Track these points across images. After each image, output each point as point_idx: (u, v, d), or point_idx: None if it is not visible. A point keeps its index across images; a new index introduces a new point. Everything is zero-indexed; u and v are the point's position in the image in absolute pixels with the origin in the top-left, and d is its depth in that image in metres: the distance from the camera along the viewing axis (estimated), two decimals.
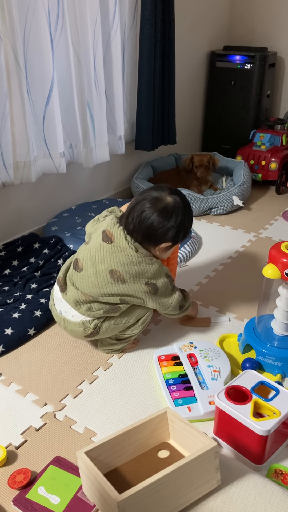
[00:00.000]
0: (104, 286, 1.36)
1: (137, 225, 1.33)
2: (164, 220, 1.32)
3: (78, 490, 1.09)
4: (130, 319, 1.44)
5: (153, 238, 1.34)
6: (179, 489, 0.95)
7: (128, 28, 2.43)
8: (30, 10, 1.88)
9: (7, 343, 1.56)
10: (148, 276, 1.36)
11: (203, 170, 2.68)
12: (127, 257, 1.34)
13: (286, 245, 1.34)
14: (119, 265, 1.34)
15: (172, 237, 1.35)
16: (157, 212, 1.32)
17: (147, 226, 1.32)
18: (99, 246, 1.37)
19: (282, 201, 2.84)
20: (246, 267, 2.10)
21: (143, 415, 1.30)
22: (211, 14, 3.20)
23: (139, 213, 1.33)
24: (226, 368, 1.40)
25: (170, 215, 1.32)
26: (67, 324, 1.45)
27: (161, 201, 1.33)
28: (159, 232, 1.33)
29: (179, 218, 1.33)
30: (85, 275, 1.38)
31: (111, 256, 1.35)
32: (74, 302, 1.40)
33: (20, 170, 2.03)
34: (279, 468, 1.14)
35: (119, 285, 1.35)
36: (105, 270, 1.35)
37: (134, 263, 1.34)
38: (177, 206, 1.33)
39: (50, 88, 2.01)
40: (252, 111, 3.18)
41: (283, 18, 3.21)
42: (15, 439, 1.24)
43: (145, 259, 1.35)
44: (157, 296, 1.39)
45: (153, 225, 1.32)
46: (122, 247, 1.34)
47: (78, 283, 1.40)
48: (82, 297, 1.39)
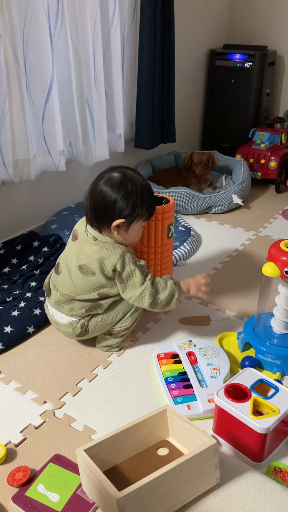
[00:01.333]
0: (78, 284, 1.37)
1: (87, 206, 1.31)
2: (109, 193, 1.27)
3: (77, 487, 1.09)
4: (118, 314, 1.43)
5: (102, 215, 1.30)
6: (179, 486, 0.96)
7: (127, 26, 2.43)
8: (30, 8, 1.88)
9: (6, 341, 1.56)
10: (111, 262, 1.31)
11: (201, 168, 2.68)
12: (88, 247, 1.34)
13: (285, 243, 1.34)
14: (84, 258, 1.35)
15: (122, 211, 1.28)
16: (106, 187, 1.28)
17: (95, 203, 1.29)
18: (69, 246, 1.41)
19: (281, 200, 2.84)
20: (245, 265, 2.10)
21: (142, 413, 1.31)
22: (211, 12, 3.20)
23: (89, 193, 1.31)
24: (225, 366, 1.40)
25: (114, 187, 1.27)
26: (58, 326, 1.48)
27: (110, 177, 1.30)
28: (107, 206, 1.28)
29: (125, 189, 1.27)
30: (63, 276, 1.41)
31: (77, 252, 1.37)
32: (55, 303, 1.43)
33: (19, 168, 2.03)
34: (278, 466, 1.14)
35: (91, 278, 1.35)
36: (75, 267, 1.37)
37: (94, 252, 1.33)
38: (124, 178, 1.28)
39: (50, 86, 2.01)
40: (252, 110, 3.17)
41: (282, 17, 3.21)
42: (14, 437, 1.24)
43: (104, 245, 1.32)
44: (124, 284, 1.33)
45: (99, 200, 1.28)
46: (83, 240, 1.36)
47: (58, 285, 1.43)
48: (61, 298, 1.41)
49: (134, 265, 1.32)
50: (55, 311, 1.46)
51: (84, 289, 1.37)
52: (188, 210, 2.56)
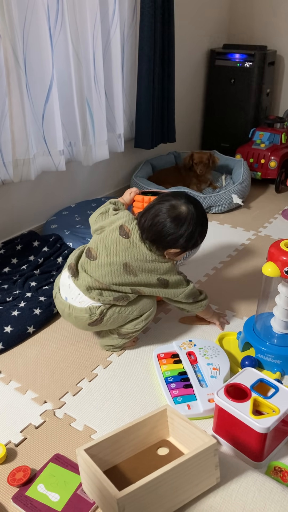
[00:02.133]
0: (117, 276, 1.40)
1: (148, 226, 1.37)
2: (175, 228, 1.35)
3: (77, 487, 1.09)
4: (135, 310, 1.45)
5: (162, 242, 1.38)
6: (179, 486, 0.96)
7: (127, 26, 2.43)
8: (30, 8, 1.88)
9: (6, 341, 1.56)
10: (160, 272, 1.41)
11: (202, 167, 2.68)
12: (141, 254, 1.39)
13: (285, 243, 1.34)
14: (133, 260, 1.39)
15: (182, 244, 1.38)
16: (170, 219, 1.35)
17: (158, 231, 1.36)
18: (116, 239, 1.41)
19: (281, 200, 2.84)
20: (245, 265, 2.10)
21: (142, 412, 1.31)
22: (211, 12, 3.20)
23: (152, 216, 1.36)
24: (225, 366, 1.40)
25: (181, 223, 1.35)
26: (72, 311, 1.44)
27: (175, 208, 1.36)
28: (169, 238, 1.36)
29: (191, 228, 1.36)
30: (99, 264, 1.41)
31: (127, 250, 1.39)
32: (86, 287, 1.42)
33: (19, 168, 2.03)
34: (278, 466, 1.14)
35: (131, 277, 1.40)
36: (120, 262, 1.39)
37: (147, 261, 1.39)
38: (190, 216, 1.36)
39: (50, 86, 2.01)
40: (252, 110, 3.17)
41: (282, 16, 3.21)
42: (14, 436, 1.24)
43: (158, 258, 1.40)
44: (168, 288, 1.44)
45: (163, 230, 1.35)
46: (137, 244, 1.39)
47: (90, 270, 1.43)
48: (95, 284, 1.41)
49: (179, 274, 1.45)
50: (76, 294, 1.43)
51: (121, 282, 1.40)
52: None
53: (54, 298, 1.53)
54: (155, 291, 1.44)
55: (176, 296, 1.46)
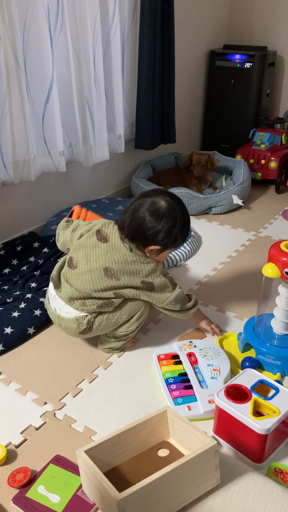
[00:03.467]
0: (98, 282, 1.38)
1: (128, 223, 1.35)
2: (153, 222, 1.33)
3: (78, 489, 1.09)
4: (123, 315, 1.43)
5: (141, 238, 1.36)
6: (179, 487, 0.96)
7: (127, 27, 2.43)
8: (30, 9, 1.88)
9: (6, 342, 1.56)
10: (143, 275, 1.37)
11: (200, 169, 2.68)
12: (121, 255, 1.36)
13: (285, 244, 1.34)
14: (113, 263, 1.36)
15: (161, 240, 1.36)
16: (149, 213, 1.34)
17: (137, 226, 1.34)
18: (94, 244, 1.39)
19: (281, 200, 2.84)
20: (245, 266, 2.10)
21: (142, 414, 1.30)
22: (211, 13, 3.20)
23: (132, 211, 1.35)
24: (225, 367, 1.40)
25: (160, 217, 1.34)
26: (61, 321, 1.46)
27: (155, 203, 1.35)
28: (148, 233, 1.34)
29: (169, 223, 1.34)
30: (79, 272, 1.40)
31: (106, 254, 1.37)
32: (68, 298, 1.41)
33: (19, 169, 2.03)
34: (278, 467, 1.14)
35: (113, 281, 1.37)
36: (100, 268, 1.37)
37: (128, 262, 1.36)
38: (170, 211, 1.35)
39: (50, 87, 2.01)
40: (252, 110, 3.18)
41: (282, 17, 3.21)
42: (15, 438, 1.24)
43: (139, 259, 1.37)
44: (153, 292, 1.41)
45: (142, 225, 1.34)
46: (117, 247, 1.37)
47: (72, 280, 1.42)
48: (76, 293, 1.40)
49: (164, 276, 1.40)
50: (62, 305, 1.43)
51: (103, 288, 1.38)
52: (188, 210, 2.50)
53: (46, 307, 1.54)
54: (139, 294, 1.41)
55: (162, 302, 1.42)
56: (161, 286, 1.40)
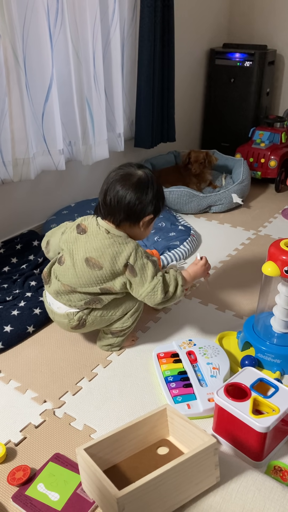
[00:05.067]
0: (82, 276, 1.36)
1: (116, 206, 1.32)
2: (141, 195, 1.31)
3: (77, 486, 1.09)
4: (117, 312, 1.43)
5: (134, 215, 1.33)
6: (179, 485, 0.96)
7: (127, 25, 2.42)
8: (29, 7, 1.88)
9: (6, 341, 1.56)
10: (124, 256, 1.33)
11: (197, 167, 2.68)
12: (99, 241, 1.34)
13: (285, 243, 1.34)
14: (93, 252, 1.34)
15: (153, 209, 1.35)
16: (132, 188, 1.31)
17: (126, 204, 1.31)
18: (75, 238, 1.40)
19: (281, 199, 2.84)
20: (245, 264, 2.10)
21: (142, 412, 1.31)
22: (211, 11, 3.20)
23: (114, 193, 1.32)
24: (225, 366, 1.40)
25: (146, 188, 1.32)
26: (54, 316, 1.48)
27: (132, 176, 1.32)
28: (139, 207, 1.32)
29: (155, 188, 1.34)
30: (65, 267, 1.40)
31: (85, 245, 1.36)
32: (55, 293, 1.43)
33: (19, 167, 2.02)
34: (278, 465, 1.14)
35: (97, 272, 1.34)
36: (81, 260, 1.36)
37: (106, 246, 1.33)
38: (150, 178, 1.34)
39: (49, 85, 2.01)
40: (252, 109, 3.17)
41: (282, 16, 3.21)
42: (14, 436, 1.24)
43: (118, 239, 1.34)
44: (135, 277, 1.34)
45: (131, 202, 1.31)
46: (94, 233, 1.36)
47: (60, 275, 1.42)
48: (61, 288, 1.40)
49: (147, 259, 1.35)
50: (53, 300, 1.45)
51: (87, 282, 1.36)
52: (188, 209, 2.56)
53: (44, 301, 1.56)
54: (124, 284, 1.35)
55: (144, 290, 1.34)
56: (141, 268, 1.33)
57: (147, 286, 1.34)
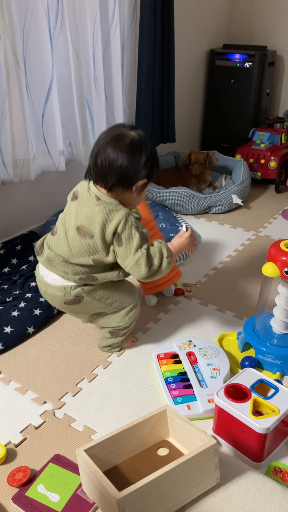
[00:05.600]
0: (74, 245, 1.32)
1: (107, 169, 1.25)
2: (134, 158, 1.24)
3: (77, 488, 1.09)
4: (115, 302, 1.40)
5: (127, 179, 1.26)
6: (179, 486, 0.96)
7: (127, 26, 2.42)
8: (30, 8, 1.88)
9: (6, 341, 1.56)
10: (113, 224, 1.26)
11: (198, 167, 2.68)
12: (89, 208, 1.29)
13: (285, 244, 1.34)
14: (84, 219, 1.29)
15: (147, 173, 1.28)
16: (125, 150, 1.24)
17: (118, 167, 1.24)
18: (68, 207, 1.37)
19: (281, 200, 2.84)
20: (245, 265, 2.10)
21: (142, 413, 1.31)
22: (211, 12, 3.20)
23: (105, 156, 1.25)
24: (225, 366, 1.40)
25: (139, 150, 1.25)
26: (47, 288, 1.41)
27: (125, 137, 1.25)
28: (132, 171, 1.25)
29: (149, 150, 1.27)
30: (58, 237, 1.36)
31: (76, 212, 1.32)
32: (46, 261, 1.38)
33: (19, 168, 2.02)
34: (278, 466, 1.14)
35: (88, 241, 1.29)
36: (73, 228, 1.31)
37: (96, 213, 1.27)
38: (143, 139, 1.27)
39: (49, 86, 2.01)
40: (252, 110, 3.17)
41: (282, 17, 3.21)
42: (14, 437, 1.24)
43: (108, 206, 1.27)
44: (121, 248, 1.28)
45: (123, 165, 1.24)
46: (85, 200, 1.31)
47: (52, 246, 1.38)
48: (54, 258, 1.36)
49: (136, 229, 1.29)
50: (47, 272, 1.39)
51: (79, 252, 1.31)
52: (188, 210, 2.56)
53: (36, 275, 1.50)
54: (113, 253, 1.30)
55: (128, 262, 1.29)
56: (128, 239, 1.27)
57: (131, 259, 1.28)
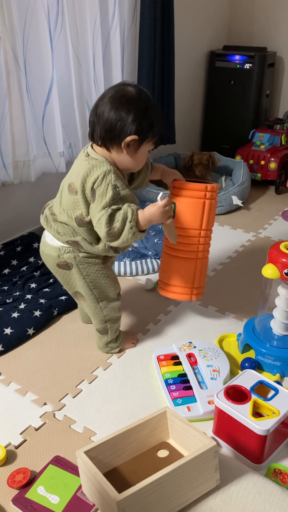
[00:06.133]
0: (64, 202, 1.31)
1: (96, 121, 1.22)
2: (122, 112, 1.19)
3: (77, 489, 1.09)
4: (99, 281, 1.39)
5: (113, 133, 1.21)
6: (179, 488, 0.96)
7: (127, 27, 2.43)
8: (30, 10, 1.88)
9: (6, 343, 1.56)
10: (92, 180, 1.22)
11: (201, 168, 2.68)
12: (78, 164, 1.28)
13: (285, 245, 1.34)
14: (74, 176, 1.28)
15: (136, 127, 1.19)
16: (114, 103, 1.19)
17: (105, 120, 1.20)
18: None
19: (281, 201, 2.84)
20: (245, 266, 2.10)
21: (142, 414, 1.31)
22: (211, 13, 3.20)
23: (98, 110, 1.22)
24: (225, 368, 1.40)
25: (129, 105, 1.19)
26: (45, 248, 1.41)
27: (120, 91, 1.22)
28: (119, 125, 1.19)
29: (142, 107, 1.20)
30: (57, 196, 1.37)
31: (71, 170, 1.32)
32: (44, 219, 1.39)
33: (19, 169, 2.03)
34: (278, 468, 1.14)
35: (73, 197, 1.27)
36: (66, 187, 1.31)
37: (81, 168, 1.25)
38: (138, 95, 1.21)
39: (50, 88, 2.01)
40: (252, 111, 3.18)
41: (282, 18, 3.21)
42: (14, 438, 1.24)
43: (91, 161, 1.23)
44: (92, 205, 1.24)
45: (110, 118, 1.19)
46: (79, 158, 1.30)
47: (52, 205, 1.40)
48: (49, 216, 1.37)
49: (112, 188, 1.21)
50: (47, 232, 1.40)
51: (66, 207, 1.30)
52: None
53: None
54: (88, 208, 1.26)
55: (94, 219, 1.24)
56: (100, 196, 1.21)
57: (96, 216, 1.23)
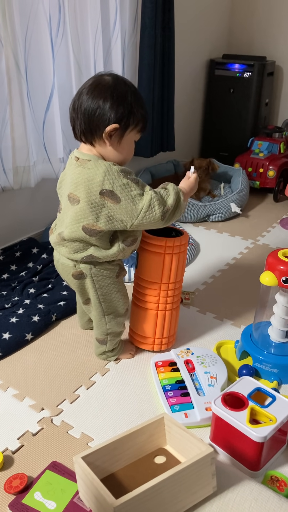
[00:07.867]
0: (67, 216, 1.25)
1: (76, 115, 1.18)
2: (99, 100, 1.14)
3: (74, 495, 1.09)
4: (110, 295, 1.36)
5: (93, 124, 1.16)
6: (176, 494, 0.96)
7: (128, 35, 2.45)
8: (32, 17, 1.90)
9: (4, 348, 1.56)
10: (98, 181, 1.17)
11: (201, 173, 2.70)
12: (71, 171, 1.22)
13: (283, 253, 1.35)
14: (71, 185, 1.23)
15: (115, 114, 1.15)
16: (90, 93, 1.15)
17: (83, 111, 1.16)
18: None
19: (279, 209, 2.86)
20: (243, 274, 2.11)
21: (139, 420, 1.31)
22: (211, 22, 3.23)
23: (76, 103, 1.18)
24: (223, 375, 1.40)
25: (106, 92, 1.15)
26: (60, 258, 1.36)
27: (96, 81, 1.18)
28: (98, 114, 1.15)
29: (119, 92, 1.15)
30: (61, 213, 1.33)
31: (65, 180, 1.28)
32: (54, 244, 1.35)
33: (19, 175, 2.04)
34: (275, 475, 1.14)
35: (76, 207, 1.21)
36: (66, 199, 1.25)
37: (77, 174, 1.20)
38: (114, 82, 1.16)
39: (50, 94, 2.03)
40: (251, 119, 3.20)
41: (282, 27, 3.24)
42: (11, 443, 1.24)
43: (86, 164, 1.19)
44: (120, 203, 1.17)
45: (88, 108, 1.15)
46: (69, 165, 1.25)
47: (57, 224, 1.35)
48: (58, 242, 1.31)
49: (125, 177, 1.18)
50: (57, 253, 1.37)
51: (70, 221, 1.23)
52: (187, 218, 2.57)
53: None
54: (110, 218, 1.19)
55: (135, 218, 1.17)
56: (123, 188, 1.16)
57: (141, 206, 1.17)
